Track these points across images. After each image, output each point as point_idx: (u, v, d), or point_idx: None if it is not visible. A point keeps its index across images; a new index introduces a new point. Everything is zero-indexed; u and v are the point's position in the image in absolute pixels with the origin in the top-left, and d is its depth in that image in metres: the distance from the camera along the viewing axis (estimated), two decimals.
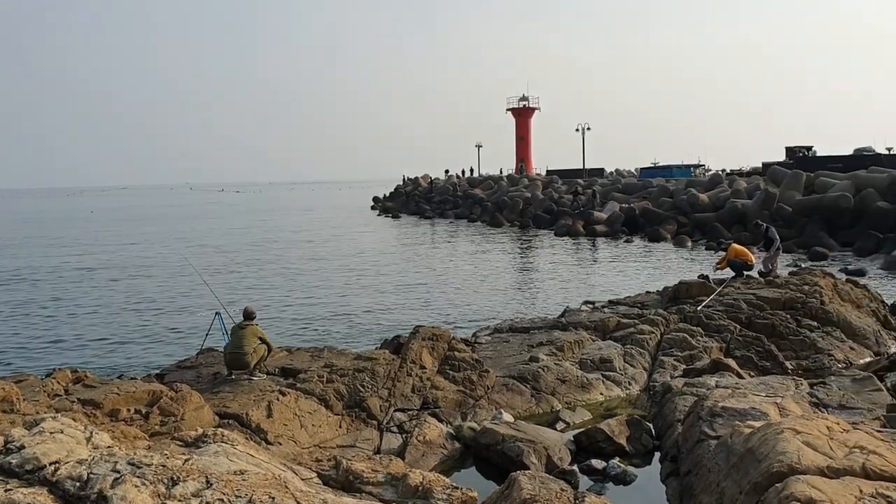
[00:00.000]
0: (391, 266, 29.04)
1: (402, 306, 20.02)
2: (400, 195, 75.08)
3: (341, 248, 37.14)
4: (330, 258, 32.49)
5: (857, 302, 14.30)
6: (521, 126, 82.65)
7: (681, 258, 29.02)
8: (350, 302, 20.86)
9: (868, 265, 24.51)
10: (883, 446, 5.56)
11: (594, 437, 8.68)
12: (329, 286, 23.97)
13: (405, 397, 9.81)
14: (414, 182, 78.51)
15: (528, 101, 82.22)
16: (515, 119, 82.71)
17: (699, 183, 46.33)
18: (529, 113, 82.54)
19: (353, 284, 24.29)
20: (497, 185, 63.10)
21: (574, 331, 13.14)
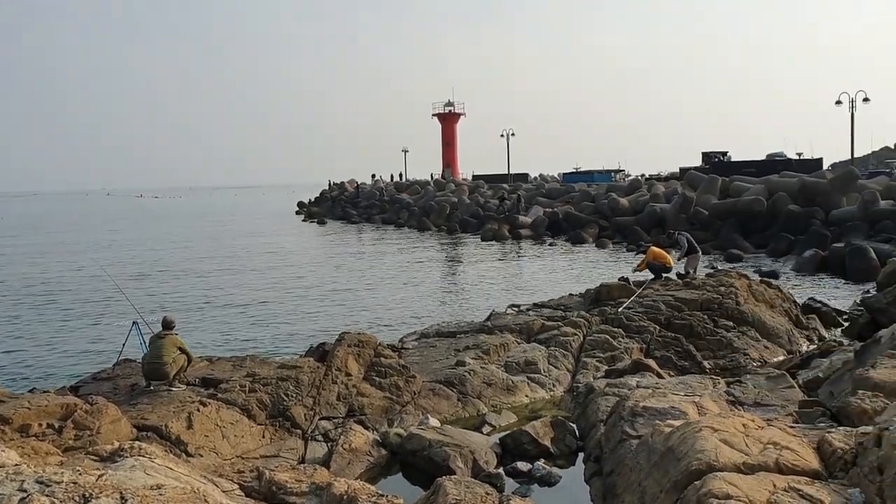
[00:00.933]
0: (316, 272, 28.70)
1: (328, 313, 19.80)
2: (326, 200, 74.37)
3: (264, 254, 36.51)
4: (252, 265, 31.89)
5: (771, 302, 14.83)
6: (447, 131, 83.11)
7: (602, 261, 29.59)
8: (273, 309, 20.52)
9: (781, 266, 25.47)
10: (795, 442, 5.76)
11: (519, 439, 8.75)
12: (251, 293, 23.52)
13: (330, 405, 9.70)
14: (340, 187, 77.90)
15: (453, 107, 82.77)
16: (441, 124, 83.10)
17: (619, 188, 47.41)
18: (455, 118, 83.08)
19: (276, 291, 23.89)
20: (424, 189, 63.18)
21: (500, 334, 13.23)
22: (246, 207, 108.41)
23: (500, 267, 29.08)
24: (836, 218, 29.61)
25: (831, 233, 27.76)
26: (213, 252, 38.16)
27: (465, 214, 48.80)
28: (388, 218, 57.09)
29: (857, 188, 32.13)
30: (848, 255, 23.49)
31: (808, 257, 25.30)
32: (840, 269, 23.58)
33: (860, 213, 28.59)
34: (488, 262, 30.61)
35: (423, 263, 30.66)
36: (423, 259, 32.52)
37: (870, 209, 28.38)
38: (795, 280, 22.67)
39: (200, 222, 69.82)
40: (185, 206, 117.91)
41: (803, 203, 31.83)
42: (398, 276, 26.84)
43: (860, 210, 28.81)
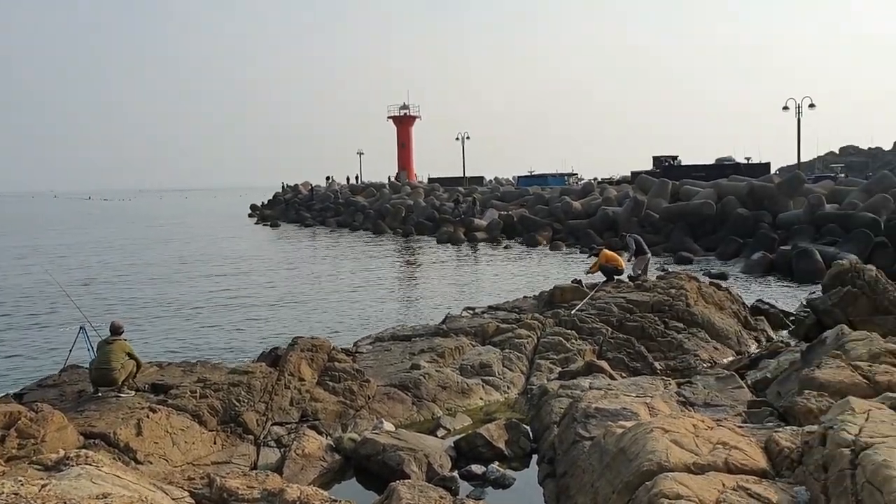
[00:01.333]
0: (269, 275, 28.39)
1: (281, 317, 19.60)
2: (279, 203, 73.63)
3: (216, 257, 36.00)
4: (203, 268, 31.41)
5: (720, 304, 15.10)
6: (403, 134, 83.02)
7: (556, 263, 29.83)
8: (225, 313, 20.23)
9: (730, 269, 25.99)
10: (743, 441, 5.87)
11: (474, 442, 8.76)
12: (203, 297, 23.16)
13: (283, 410, 9.59)
14: (294, 189, 77.21)
15: (408, 110, 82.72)
16: (397, 127, 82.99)
17: (572, 191, 47.95)
18: (410, 121, 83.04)
19: (228, 295, 23.56)
20: (379, 192, 62.99)
21: (455, 337, 13.24)
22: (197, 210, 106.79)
23: (456, 270, 29.13)
24: (783, 221, 30.32)
25: (778, 236, 28.42)
26: (163, 255, 37.50)
27: (421, 217, 48.80)
28: (343, 221, 56.77)
29: (804, 192, 32.95)
30: (794, 257, 24.07)
31: (757, 259, 25.86)
32: (787, 271, 24.16)
33: (806, 217, 29.31)
34: (444, 265, 30.64)
35: (377, 266, 30.55)
36: (377, 262, 32.40)
37: (815, 213, 29.12)
38: (744, 282, 23.13)
39: (150, 225, 68.56)
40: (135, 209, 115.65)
41: (751, 206, 32.54)
42: (352, 279, 26.69)
43: (806, 213, 29.54)
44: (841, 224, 27.27)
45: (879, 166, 75.05)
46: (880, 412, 5.77)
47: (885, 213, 27.06)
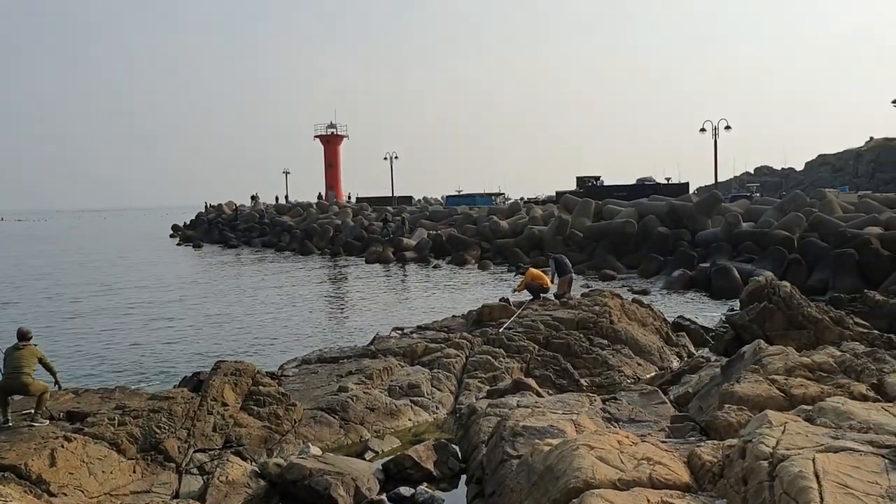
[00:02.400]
0: (190, 297, 27.67)
1: (203, 340, 19.10)
2: (202, 223, 72.03)
3: (136, 279, 34.93)
4: (123, 290, 30.42)
5: (643, 321, 15.43)
6: (330, 153, 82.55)
7: (484, 282, 30.01)
8: (145, 338, 19.61)
9: (651, 286, 26.60)
10: (667, 456, 5.97)
11: (402, 464, 8.69)
12: (122, 321, 22.41)
13: (206, 437, 9.32)
14: (217, 209, 75.71)
15: (335, 129, 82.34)
16: (324, 146, 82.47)
17: (500, 210, 48.43)
18: (338, 140, 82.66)
19: (148, 318, 22.87)
20: (306, 212, 62.32)
21: (383, 358, 13.14)
22: (117, 230, 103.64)
23: (385, 290, 28.99)
24: (702, 239, 31.26)
25: (697, 253, 29.25)
26: (80, 277, 36.17)
27: (349, 237, 48.46)
28: (269, 241, 55.89)
29: (721, 211, 34.08)
30: (713, 274, 24.82)
31: (677, 277, 26.56)
32: (706, 288, 24.87)
33: (724, 235, 30.28)
34: (372, 285, 30.45)
35: (304, 287, 30.15)
36: (304, 283, 31.98)
37: (732, 231, 30.11)
38: (665, 299, 23.69)
39: (67, 246, 66.12)
40: (51, 230, 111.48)
41: (671, 225, 33.48)
42: (278, 301, 26.25)
43: (724, 232, 30.52)
44: (757, 241, 28.26)
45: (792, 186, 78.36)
46: (796, 424, 5.96)
47: (799, 230, 28.18)
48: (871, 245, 23.14)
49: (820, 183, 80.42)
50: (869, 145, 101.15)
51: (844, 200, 35.41)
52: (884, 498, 4.64)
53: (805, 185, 79.98)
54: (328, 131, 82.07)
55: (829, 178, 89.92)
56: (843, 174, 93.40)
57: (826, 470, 4.84)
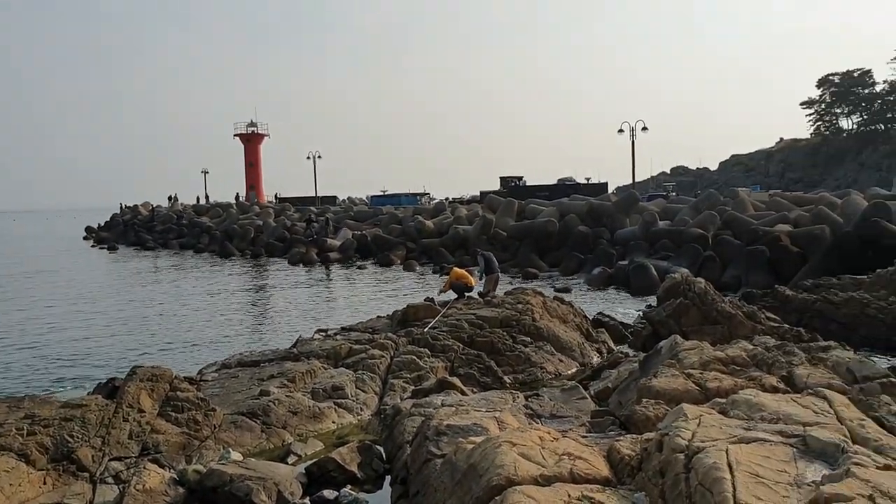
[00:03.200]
0: (105, 301, 26.75)
1: (119, 345, 18.47)
2: (117, 224, 69.86)
3: (47, 282, 33.57)
4: (32, 294, 29.19)
5: (564, 318, 15.66)
6: (251, 152, 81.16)
7: (410, 282, 29.99)
8: (57, 343, 18.84)
9: (572, 283, 27.08)
10: (587, 451, 6.06)
11: (325, 466, 8.58)
12: (31, 326, 21.49)
13: (122, 444, 9.01)
14: (133, 210, 73.55)
15: (256, 127, 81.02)
16: (244, 145, 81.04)
17: (425, 210, 48.52)
18: (259, 139, 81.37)
19: (61, 322, 21.99)
20: (226, 212, 61.07)
21: (306, 360, 12.96)
22: (26, 233, 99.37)
23: (308, 292, 28.63)
24: (621, 237, 32.01)
25: (616, 251, 29.94)
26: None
27: (271, 238, 47.71)
28: (187, 243, 54.57)
29: (639, 210, 35.01)
30: (631, 272, 25.42)
31: (597, 274, 27.11)
32: (625, 285, 25.47)
33: (641, 233, 31.07)
34: (295, 287, 30.04)
35: (224, 290, 29.52)
36: (224, 285, 31.32)
37: (650, 229, 30.93)
38: (586, 296, 24.14)
39: None
40: None
41: (591, 224, 34.19)
42: (197, 304, 25.62)
43: (641, 230, 31.32)
44: (673, 239, 29.10)
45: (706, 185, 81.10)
46: (711, 417, 6.13)
47: (713, 228, 29.14)
48: (781, 242, 24.11)
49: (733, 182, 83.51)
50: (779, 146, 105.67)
51: (756, 199, 36.80)
52: (792, 486, 4.81)
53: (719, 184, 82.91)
54: (249, 130, 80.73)
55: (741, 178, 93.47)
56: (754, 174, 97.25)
57: (738, 460, 4.99)
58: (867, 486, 4.61)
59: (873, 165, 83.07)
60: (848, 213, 27.27)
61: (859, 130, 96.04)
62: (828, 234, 24.10)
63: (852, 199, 30.73)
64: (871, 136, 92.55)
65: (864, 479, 4.69)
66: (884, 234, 21.27)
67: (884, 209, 23.33)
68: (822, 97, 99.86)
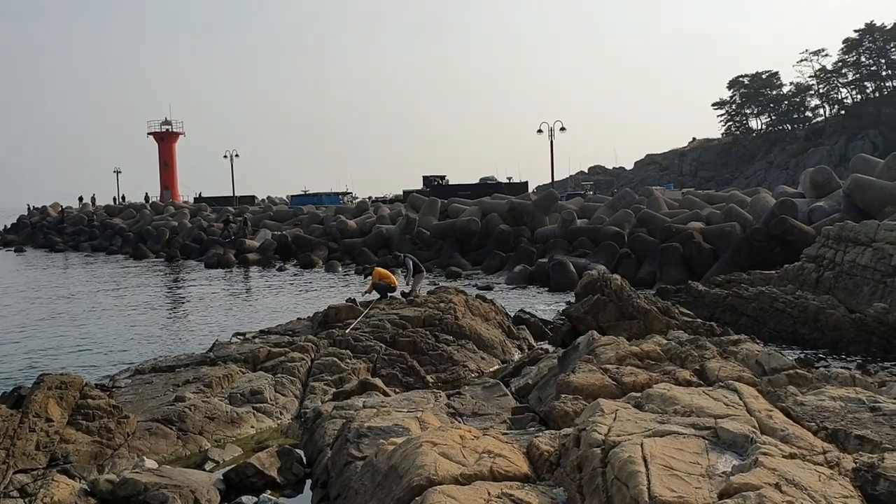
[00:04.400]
0: (11, 306, 25.58)
1: (26, 353, 17.66)
2: (24, 226, 66.90)
3: None
4: None
5: (486, 315, 15.78)
6: (165, 151, 78.96)
7: (332, 284, 29.70)
8: None
9: (494, 281, 27.33)
10: (507, 449, 6.11)
11: (244, 472, 8.40)
12: None
13: (28, 456, 8.61)
14: (41, 211, 70.62)
15: (171, 126, 78.87)
16: (158, 144, 78.79)
17: (347, 210, 48.15)
18: (174, 137, 79.25)
19: None
20: (140, 213, 59.26)
21: (223, 365, 12.67)
22: None
23: (226, 294, 28.02)
24: (541, 235, 32.51)
25: (537, 249, 30.38)
26: None
27: (187, 239, 46.54)
28: (99, 245, 52.72)
29: (558, 208, 35.60)
30: (551, 269, 25.84)
31: (518, 272, 27.45)
32: (545, 282, 25.87)
33: (560, 231, 31.61)
34: (212, 290, 29.35)
35: (138, 293, 28.62)
36: (138, 288, 30.37)
37: (568, 227, 31.49)
38: (508, 294, 24.40)
39: None
40: None
41: (512, 223, 34.61)
42: (110, 308, 24.75)
43: (560, 228, 31.87)
44: (590, 237, 29.72)
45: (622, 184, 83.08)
46: (626, 411, 6.26)
47: (628, 226, 29.88)
48: (693, 239, 24.91)
49: (648, 181, 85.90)
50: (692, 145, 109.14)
51: (670, 197, 37.96)
52: (704, 477, 4.96)
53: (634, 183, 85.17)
54: (163, 128, 78.52)
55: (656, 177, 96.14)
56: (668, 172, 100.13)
57: (653, 454, 5.12)
58: (774, 474, 4.79)
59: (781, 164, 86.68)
60: (757, 211, 28.39)
61: (768, 130, 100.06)
62: (738, 230, 25.03)
63: (761, 196, 32.02)
64: (779, 135, 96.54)
65: (771, 468, 4.87)
66: (791, 230, 22.20)
67: (790, 207, 24.36)
68: (732, 98, 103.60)
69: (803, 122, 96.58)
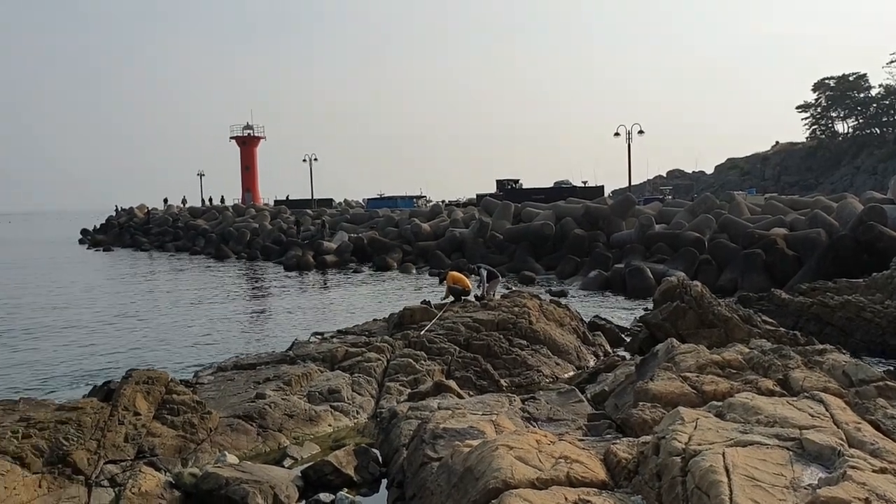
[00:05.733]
0: (101, 304, 26.71)
1: (114, 349, 18.43)
2: (113, 227, 69.79)
3: (42, 285, 33.50)
4: (28, 297, 29.14)
5: (561, 321, 15.67)
6: (247, 155, 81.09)
7: (406, 286, 29.98)
8: (52, 346, 18.80)
9: (569, 287, 27.08)
10: (584, 455, 6.06)
11: (322, 470, 8.56)
12: (28, 329, 21.44)
13: (117, 447, 8.98)
14: (129, 212, 73.51)
15: (252, 130, 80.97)
16: (240, 148, 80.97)
17: (421, 213, 48.51)
18: (255, 142, 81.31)
19: (55, 326, 21.93)
20: (222, 215, 61.03)
21: (302, 363, 12.95)
22: (22, 235, 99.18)
23: (304, 295, 28.61)
24: (617, 241, 32.04)
25: (613, 254, 29.96)
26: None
27: (267, 241, 47.67)
28: (183, 245, 54.54)
29: (635, 213, 35.03)
30: (628, 275, 25.45)
31: (593, 277, 27.13)
32: (621, 288, 25.49)
33: (638, 237, 31.10)
34: (291, 290, 30.02)
35: (220, 293, 29.49)
36: (220, 288, 31.29)
37: (646, 232, 30.96)
38: (582, 299, 24.15)
39: None
40: None
41: (587, 227, 34.20)
42: (193, 306, 25.59)
43: (637, 233, 31.35)
44: (669, 243, 29.13)
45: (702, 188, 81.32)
46: (707, 420, 6.13)
47: (709, 232, 29.19)
48: (777, 245, 24.15)
49: (729, 186, 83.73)
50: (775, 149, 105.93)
51: (752, 202, 36.90)
52: (788, 489, 4.82)
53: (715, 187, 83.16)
54: (245, 132, 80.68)
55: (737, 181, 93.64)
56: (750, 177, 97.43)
57: (735, 463, 5.00)
58: (863, 489, 4.62)
59: (869, 169, 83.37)
60: (844, 217, 27.35)
61: (855, 134, 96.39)
62: (824, 237, 24.15)
63: (848, 202, 30.82)
64: (866, 139, 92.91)
65: (860, 483, 4.69)
66: (879, 237, 21.32)
67: (879, 213, 23.39)
68: (817, 101, 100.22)
69: (893, 126, 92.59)
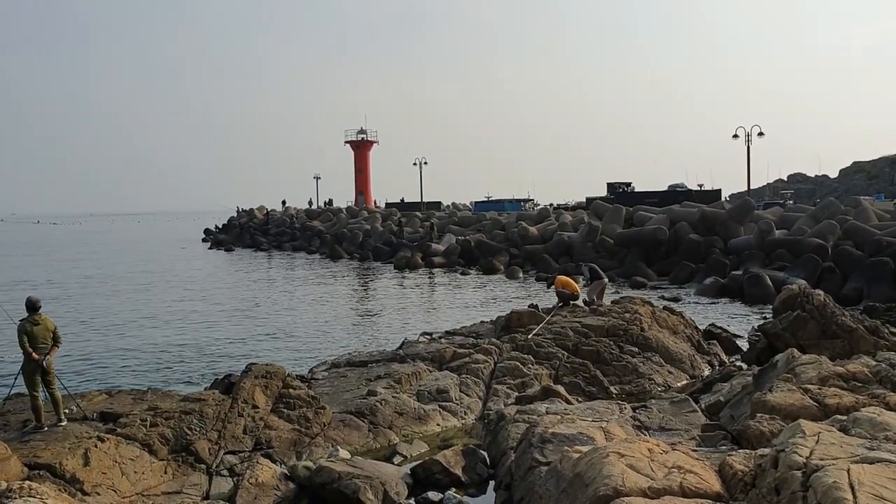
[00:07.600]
0: (223, 301, 27.98)
1: (234, 343, 19.28)
2: (234, 227, 72.83)
3: (168, 282, 35.39)
4: (155, 293, 30.86)
5: (674, 328, 15.29)
6: (360, 158, 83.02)
7: (513, 289, 29.94)
8: (177, 340, 19.85)
9: (683, 293, 26.35)
10: (698, 465, 5.91)
11: (430, 469, 8.69)
12: (154, 323, 22.72)
13: (236, 439, 9.41)
14: (249, 213, 76.56)
15: (366, 134, 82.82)
16: (354, 151, 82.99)
17: (529, 216, 48.27)
18: (368, 146, 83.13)
19: (180, 321, 23.15)
20: (336, 217, 62.74)
21: (412, 362, 13.17)
22: (149, 234, 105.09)
23: (413, 295, 29.05)
24: (734, 247, 30.91)
25: (730, 261, 28.94)
26: (114, 279, 36.73)
27: (378, 242, 48.66)
28: (299, 245, 56.39)
29: (754, 218, 33.67)
30: (746, 282, 24.54)
31: (709, 284, 26.29)
32: (739, 296, 24.60)
33: (756, 242, 29.92)
34: (401, 291, 30.54)
35: (334, 292, 30.34)
36: (334, 287, 32.19)
37: (765, 238, 29.75)
38: (697, 307, 23.44)
39: (100, 249, 67.15)
40: (87, 233, 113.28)
41: (703, 232, 33.12)
42: (308, 304, 26.45)
43: (756, 239, 30.16)
44: (790, 249, 27.89)
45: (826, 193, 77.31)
46: (830, 434, 5.87)
47: (832, 238, 27.77)
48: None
49: (854, 190, 79.17)
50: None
51: (879, 208, 34.84)
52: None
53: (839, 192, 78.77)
54: (359, 137, 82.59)
55: (863, 186, 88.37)
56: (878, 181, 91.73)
57: (861, 481, 4.76)
58: None
59: None
60: None
61: None
62: None
63: None
64: None
65: None
66: None
67: None
68: None
69: None
